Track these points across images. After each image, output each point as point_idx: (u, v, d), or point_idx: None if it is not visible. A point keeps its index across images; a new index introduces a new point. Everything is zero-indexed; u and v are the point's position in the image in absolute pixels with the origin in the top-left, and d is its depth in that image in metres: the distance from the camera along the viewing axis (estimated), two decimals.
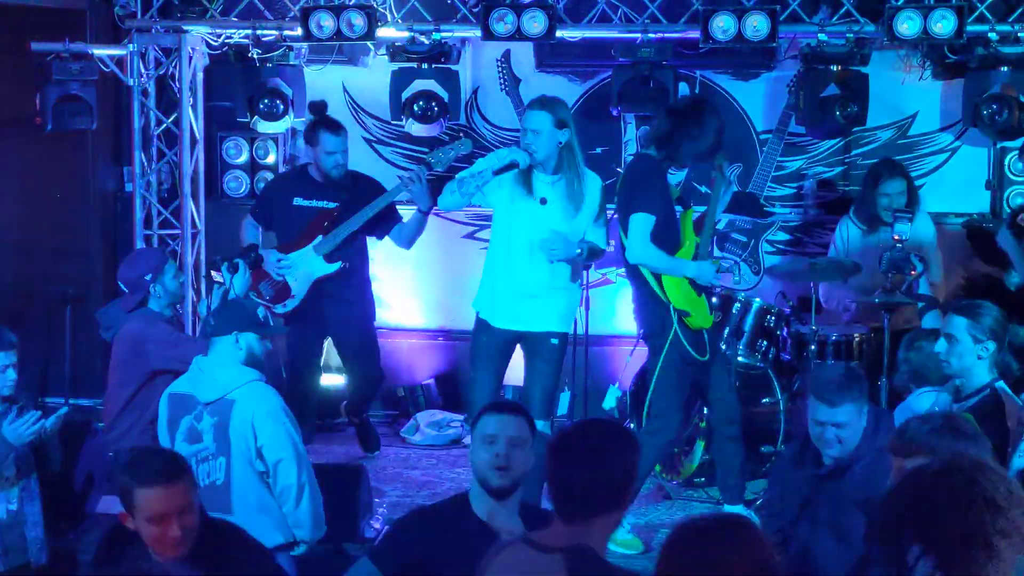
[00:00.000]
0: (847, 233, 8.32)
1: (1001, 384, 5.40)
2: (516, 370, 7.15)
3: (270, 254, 7.93)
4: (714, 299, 7.68)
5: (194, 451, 5.43)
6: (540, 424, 6.61)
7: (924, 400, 5.72)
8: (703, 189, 8.71)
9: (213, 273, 6.83)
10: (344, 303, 8.01)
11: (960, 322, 5.44)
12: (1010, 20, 8.36)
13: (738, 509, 6.79)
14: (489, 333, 6.72)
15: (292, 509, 5.40)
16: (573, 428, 3.76)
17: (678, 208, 6.87)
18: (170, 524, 3.94)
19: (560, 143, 6.48)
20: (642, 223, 6.55)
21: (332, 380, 9.33)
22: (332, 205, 7.93)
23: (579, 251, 6.55)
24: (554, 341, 6.69)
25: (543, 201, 6.54)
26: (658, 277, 6.66)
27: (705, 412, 7.55)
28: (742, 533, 2.78)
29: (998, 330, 5.42)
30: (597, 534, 3.49)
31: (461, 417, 8.93)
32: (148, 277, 6.48)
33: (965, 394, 5.41)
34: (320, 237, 7.88)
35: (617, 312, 9.37)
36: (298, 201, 8.02)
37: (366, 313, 8.22)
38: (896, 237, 7.27)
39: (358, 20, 8.48)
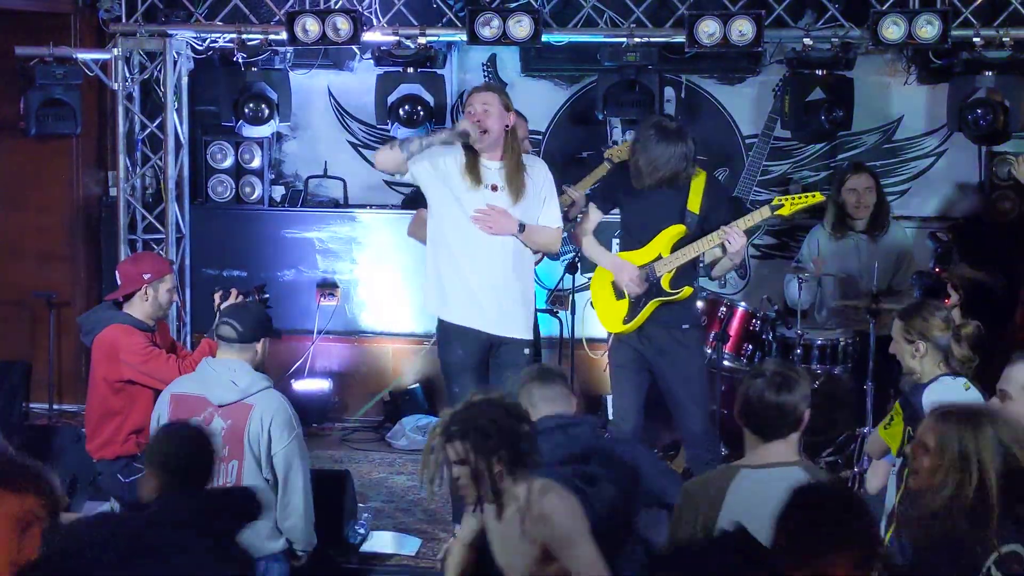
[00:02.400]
0: (817, 241, 8.25)
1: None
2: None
3: None
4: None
5: None
6: None
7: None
8: None
9: (216, 298, 6.72)
10: None
11: (896, 324, 5.45)
12: (995, 25, 8.37)
13: None
14: (465, 346, 6.51)
15: (295, 518, 5.39)
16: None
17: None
18: None
19: (507, 126, 6.36)
20: (588, 212, 6.90)
21: (316, 385, 9.31)
22: None
23: (520, 225, 6.36)
24: (527, 351, 6.56)
25: (494, 188, 6.36)
26: None
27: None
28: None
29: (927, 330, 5.33)
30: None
31: None
32: (147, 276, 6.40)
33: None
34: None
35: None
36: None
37: None
38: (939, 269, 7.26)
39: (343, 24, 8.46)
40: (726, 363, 7.93)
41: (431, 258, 6.56)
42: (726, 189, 8.57)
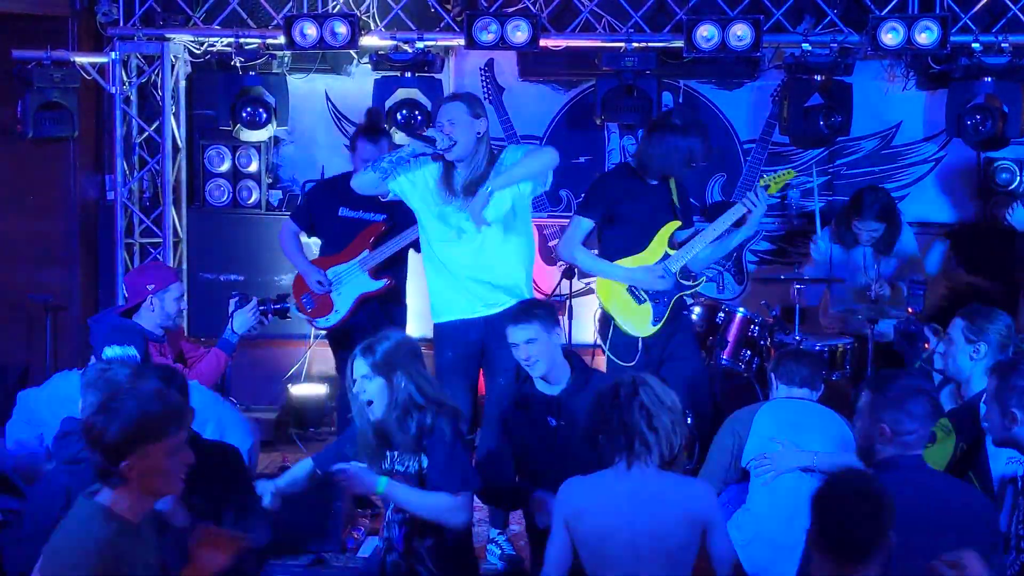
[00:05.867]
0: (827, 247, 8.24)
1: None
2: None
3: (311, 268, 7.62)
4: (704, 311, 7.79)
5: None
6: None
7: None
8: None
9: (231, 304, 6.71)
10: (387, 321, 7.42)
11: (958, 323, 5.45)
12: (994, 31, 8.39)
13: None
14: (455, 348, 6.46)
15: None
16: None
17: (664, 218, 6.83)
18: None
19: (479, 134, 6.25)
20: (574, 225, 6.84)
21: (314, 389, 9.29)
22: (380, 218, 7.47)
23: (488, 189, 6.17)
24: None
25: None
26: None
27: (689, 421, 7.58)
28: None
29: (993, 335, 5.35)
30: None
31: None
32: (151, 287, 6.39)
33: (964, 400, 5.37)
34: (366, 252, 7.51)
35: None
36: (344, 211, 7.54)
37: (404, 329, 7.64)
38: (910, 310, 7.24)
39: (341, 29, 8.47)
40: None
41: (425, 269, 6.57)
42: None
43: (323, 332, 7.86)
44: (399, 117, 8.78)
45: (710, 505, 4.49)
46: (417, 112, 8.79)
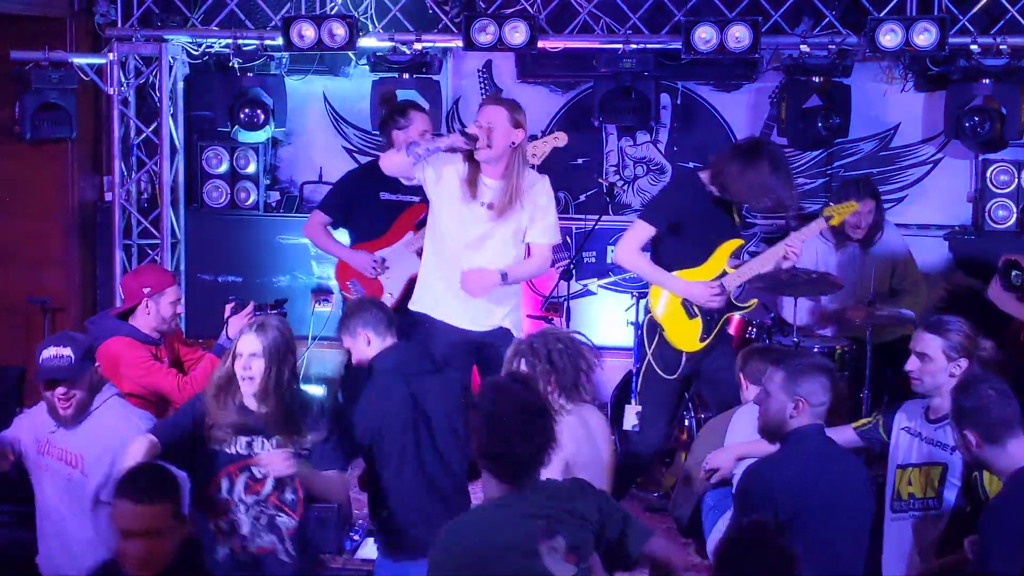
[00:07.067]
0: (816, 248, 8.21)
1: None
2: None
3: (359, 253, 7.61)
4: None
5: None
6: None
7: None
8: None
9: (227, 309, 6.68)
10: None
11: (933, 340, 5.33)
12: (992, 32, 8.37)
13: None
14: (450, 344, 6.49)
15: None
16: None
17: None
18: (135, 542, 3.95)
19: (513, 143, 6.28)
20: (635, 228, 6.76)
21: (311, 391, 9.25)
22: (419, 199, 7.35)
23: (502, 275, 6.34)
24: None
25: (491, 207, 6.35)
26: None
27: (686, 424, 7.59)
28: None
29: (969, 346, 5.30)
30: None
31: None
32: (147, 290, 6.37)
33: (936, 416, 5.33)
34: (410, 233, 7.54)
35: (598, 323, 9.33)
36: (385, 195, 7.58)
37: None
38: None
39: (339, 30, 8.47)
40: None
41: (427, 259, 6.56)
42: None
43: (320, 334, 7.84)
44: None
45: None
46: None
